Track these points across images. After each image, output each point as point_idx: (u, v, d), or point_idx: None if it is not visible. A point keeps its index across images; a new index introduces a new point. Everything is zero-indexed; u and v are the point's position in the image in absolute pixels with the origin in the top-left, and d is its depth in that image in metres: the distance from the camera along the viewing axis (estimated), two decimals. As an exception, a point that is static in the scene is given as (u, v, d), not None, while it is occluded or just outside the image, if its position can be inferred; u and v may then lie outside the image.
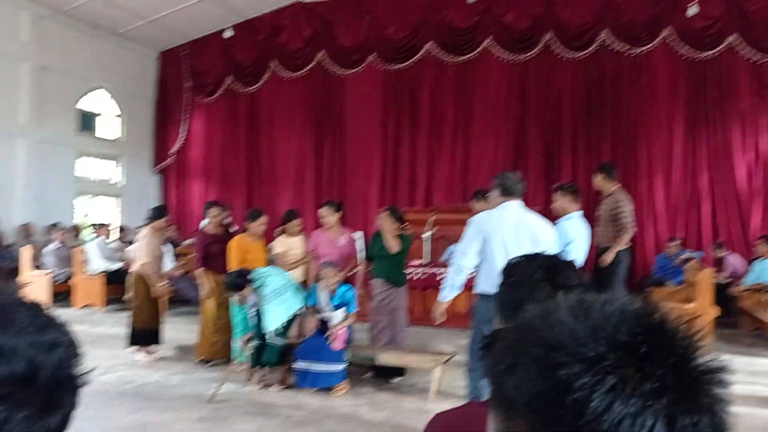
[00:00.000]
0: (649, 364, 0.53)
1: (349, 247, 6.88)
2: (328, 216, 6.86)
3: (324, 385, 5.83)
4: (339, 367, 5.83)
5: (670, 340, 0.56)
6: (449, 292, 4.65)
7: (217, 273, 6.93)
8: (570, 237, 5.02)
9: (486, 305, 4.20)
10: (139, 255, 7.17)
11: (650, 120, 10.97)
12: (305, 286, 6.87)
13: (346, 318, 6.05)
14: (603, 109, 11.27)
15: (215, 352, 6.91)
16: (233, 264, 6.65)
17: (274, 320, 5.93)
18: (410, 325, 6.76)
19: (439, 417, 1.42)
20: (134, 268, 7.23)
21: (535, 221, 4.55)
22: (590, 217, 6.17)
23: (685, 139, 10.83)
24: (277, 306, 5.96)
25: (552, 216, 5.40)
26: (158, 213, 7.45)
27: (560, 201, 5.27)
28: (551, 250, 4.52)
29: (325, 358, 5.80)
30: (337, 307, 6.05)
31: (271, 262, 6.98)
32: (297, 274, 6.97)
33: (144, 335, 7.09)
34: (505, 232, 4.40)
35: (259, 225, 7.02)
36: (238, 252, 6.77)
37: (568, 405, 0.53)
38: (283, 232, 7.42)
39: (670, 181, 10.87)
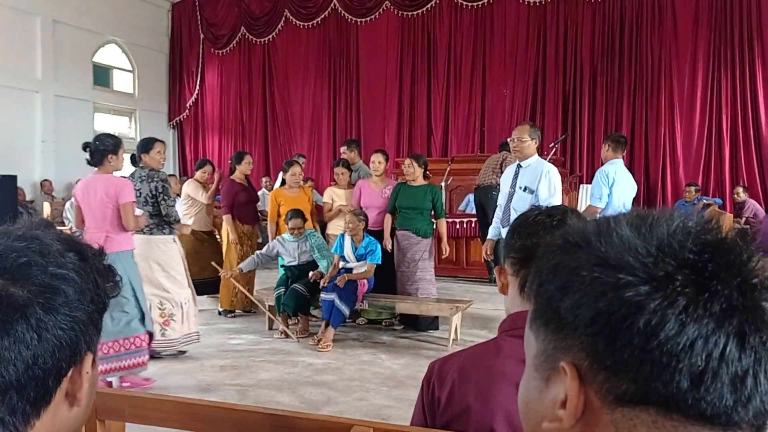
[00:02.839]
0: (716, 283, 0.52)
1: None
2: (383, 163, 6.66)
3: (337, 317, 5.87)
4: (345, 309, 5.81)
5: (734, 257, 0.54)
6: None
7: (241, 222, 7.01)
8: (611, 178, 5.71)
9: None
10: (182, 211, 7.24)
11: (671, 62, 10.68)
12: None
13: (366, 268, 6.04)
14: (623, 52, 10.99)
15: (236, 303, 7.01)
16: (270, 215, 6.87)
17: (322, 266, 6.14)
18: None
19: (449, 357, 1.41)
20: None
21: None
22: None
23: (706, 82, 10.54)
24: (321, 258, 6.16)
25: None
26: (198, 165, 7.55)
27: (604, 151, 6.01)
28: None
29: (340, 295, 5.80)
30: (360, 258, 6.04)
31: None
32: (336, 227, 6.70)
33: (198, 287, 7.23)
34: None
35: (291, 176, 7.02)
36: (273, 204, 6.88)
37: (639, 327, 0.51)
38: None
39: (691, 125, 10.64)
